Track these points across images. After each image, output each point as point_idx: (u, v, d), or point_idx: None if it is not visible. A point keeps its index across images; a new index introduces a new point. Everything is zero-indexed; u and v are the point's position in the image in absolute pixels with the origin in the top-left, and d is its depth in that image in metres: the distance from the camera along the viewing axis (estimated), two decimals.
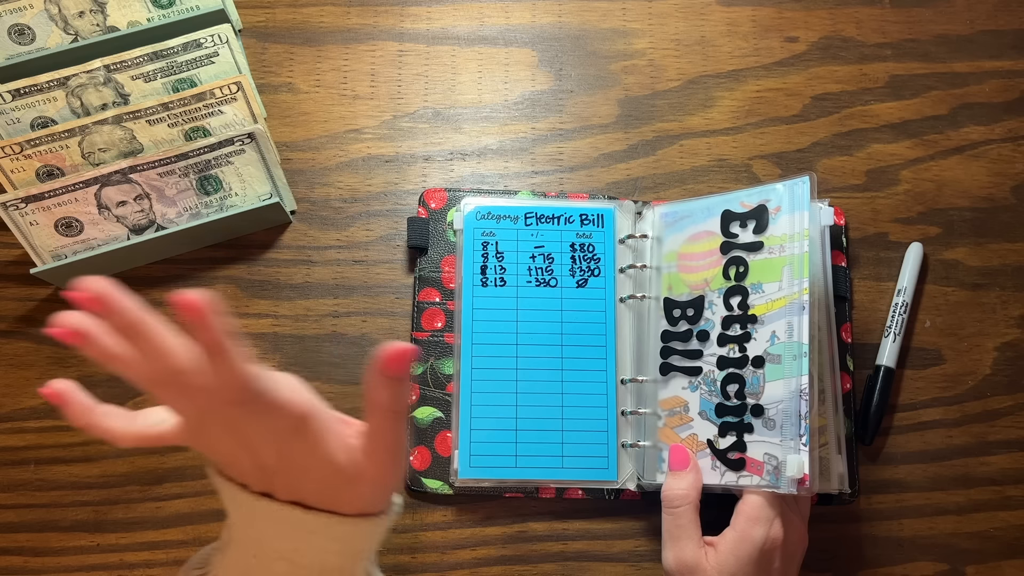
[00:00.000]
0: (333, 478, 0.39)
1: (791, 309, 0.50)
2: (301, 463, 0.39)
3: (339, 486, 0.40)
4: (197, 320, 0.36)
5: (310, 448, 0.39)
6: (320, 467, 0.39)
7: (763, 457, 0.50)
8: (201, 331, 0.36)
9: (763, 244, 0.52)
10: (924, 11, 0.67)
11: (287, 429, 0.38)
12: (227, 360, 0.36)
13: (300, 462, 0.39)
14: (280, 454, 0.39)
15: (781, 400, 0.49)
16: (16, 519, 0.56)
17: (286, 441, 0.38)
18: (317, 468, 0.39)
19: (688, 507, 0.50)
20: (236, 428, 0.38)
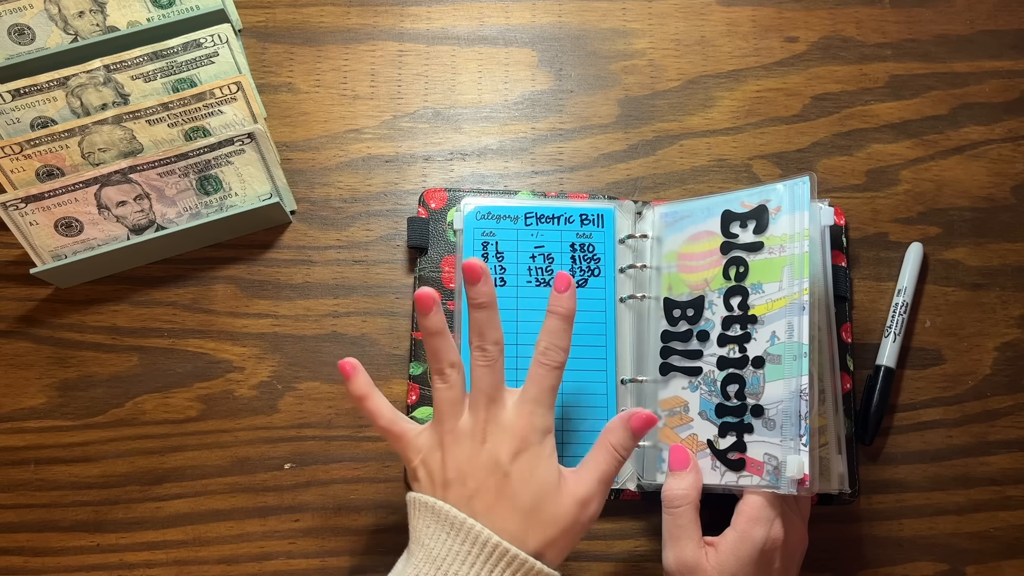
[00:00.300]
0: (542, 495, 0.45)
1: (791, 309, 0.50)
2: (520, 475, 0.45)
3: (542, 506, 0.45)
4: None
5: (543, 456, 0.46)
6: (542, 476, 0.45)
7: (763, 457, 0.50)
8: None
9: (763, 244, 0.52)
10: (924, 11, 0.67)
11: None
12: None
13: (520, 473, 0.45)
14: (514, 453, 0.46)
15: (781, 400, 0.49)
16: (16, 519, 0.56)
17: (528, 444, 0.46)
18: (532, 481, 0.45)
19: (688, 507, 0.50)
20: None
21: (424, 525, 0.45)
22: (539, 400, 0.47)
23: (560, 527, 0.45)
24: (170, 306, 0.59)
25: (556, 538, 0.45)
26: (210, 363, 0.58)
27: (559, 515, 0.45)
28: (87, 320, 0.59)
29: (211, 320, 0.59)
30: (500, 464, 0.45)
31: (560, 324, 0.48)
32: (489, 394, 0.47)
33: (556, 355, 0.47)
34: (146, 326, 0.59)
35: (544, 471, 0.46)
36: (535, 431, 0.46)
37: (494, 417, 0.46)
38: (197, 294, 0.59)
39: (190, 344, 0.59)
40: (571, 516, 0.46)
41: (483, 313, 0.47)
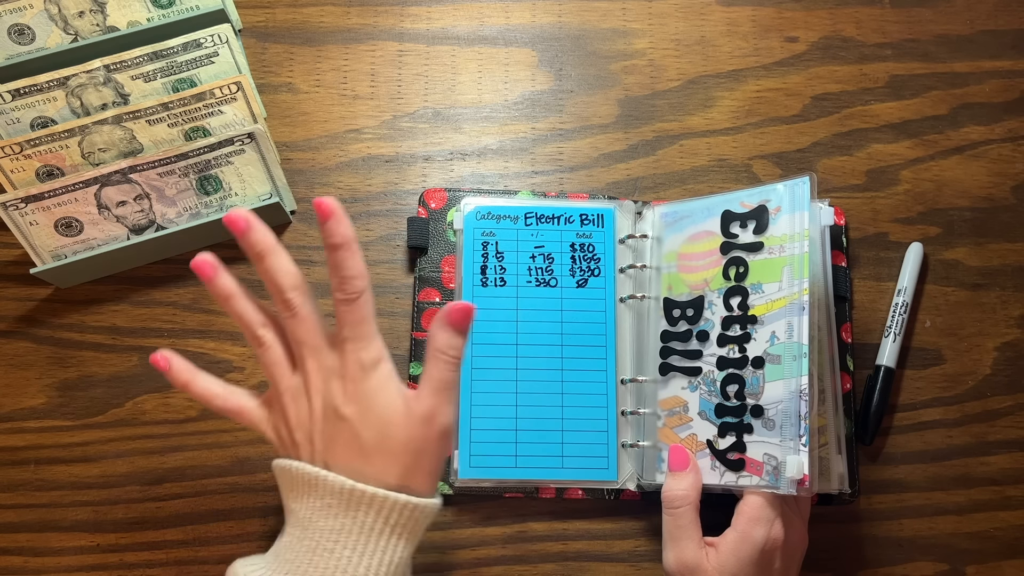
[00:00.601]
0: (385, 426, 0.43)
1: (791, 309, 0.50)
2: (357, 414, 0.44)
3: (389, 437, 0.43)
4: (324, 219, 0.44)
5: (376, 388, 0.44)
6: (380, 408, 0.44)
7: (763, 457, 0.50)
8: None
9: (763, 244, 0.52)
10: (924, 11, 0.67)
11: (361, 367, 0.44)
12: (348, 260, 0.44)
13: (357, 413, 0.44)
14: (347, 394, 0.44)
15: (781, 400, 0.49)
16: (16, 519, 0.56)
17: (357, 381, 0.44)
18: (371, 416, 0.44)
19: (688, 508, 0.50)
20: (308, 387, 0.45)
21: (288, 490, 0.44)
22: (356, 336, 0.44)
23: (412, 451, 0.44)
24: (170, 306, 0.59)
25: (413, 464, 0.44)
26: (210, 363, 0.58)
27: (408, 439, 0.44)
28: (87, 320, 0.59)
29: (211, 320, 0.59)
30: (336, 409, 0.44)
31: (343, 255, 0.44)
32: (312, 344, 0.45)
33: (353, 285, 0.44)
34: (146, 326, 0.59)
35: (382, 402, 0.44)
36: (361, 367, 0.44)
37: (318, 366, 0.45)
38: (197, 294, 0.59)
39: (190, 344, 0.59)
40: (420, 436, 0.44)
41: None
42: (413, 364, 0.58)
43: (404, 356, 0.59)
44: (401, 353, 0.59)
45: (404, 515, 0.43)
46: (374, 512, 0.43)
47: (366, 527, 0.43)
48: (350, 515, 0.43)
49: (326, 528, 0.42)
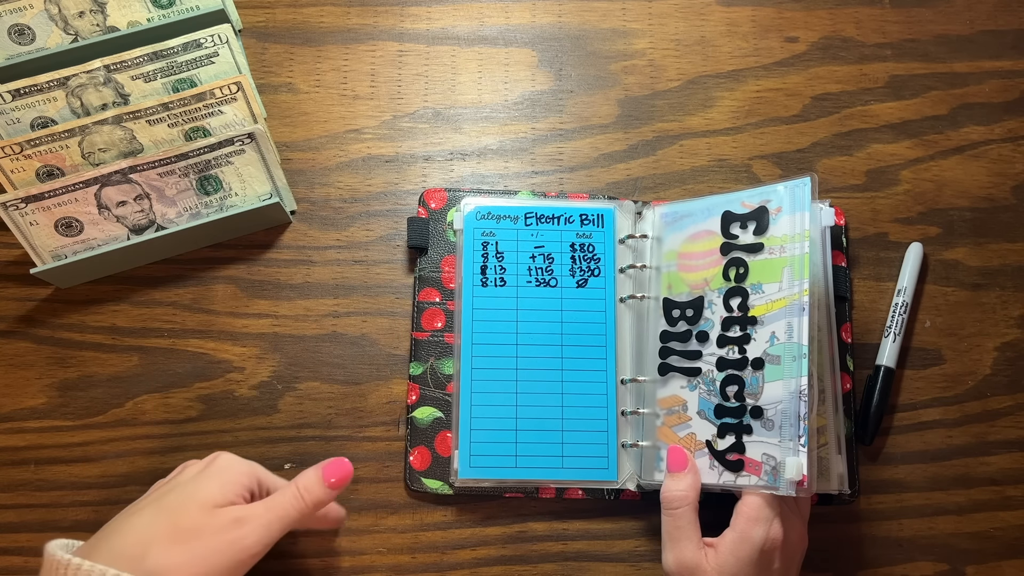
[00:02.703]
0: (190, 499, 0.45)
1: (791, 310, 0.50)
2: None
3: (181, 512, 0.44)
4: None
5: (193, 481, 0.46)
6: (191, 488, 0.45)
7: (762, 457, 0.50)
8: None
9: (763, 245, 0.52)
10: (924, 11, 0.67)
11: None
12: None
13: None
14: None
15: (780, 401, 0.49)
16: (16, 519, 0.56)
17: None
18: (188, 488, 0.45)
19: (687, 508, 0.50)
20: None
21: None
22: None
23: (197, 534, 0.42)
24: (170, 306, 0.59)
25: (185, 548, 0.42)
26: (210, 363, 0.58)
27: (202, 523, 0.42)
28: (87, 320, 0.59)
29: (211, 320, 0.59)
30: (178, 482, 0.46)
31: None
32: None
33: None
34: (146, 326, 0.59)
35: (208, 483, 0.45)
36: (221, 462, 0.47)
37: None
38: (197, 294, 0.59)
39: (190, 344, 0.59)
40: (216, 526, 0.43)
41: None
42: (413, 364, 0.58)
43: (404, 356, 0.59)
44: (401, 353, 0.59)
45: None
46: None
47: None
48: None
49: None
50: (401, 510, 0.56)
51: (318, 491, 0.46)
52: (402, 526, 0.56)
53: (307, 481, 0.46)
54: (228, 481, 0.45)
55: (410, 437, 0.57)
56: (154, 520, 0.43)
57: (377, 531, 0.56)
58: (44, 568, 0.42)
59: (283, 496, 0.45)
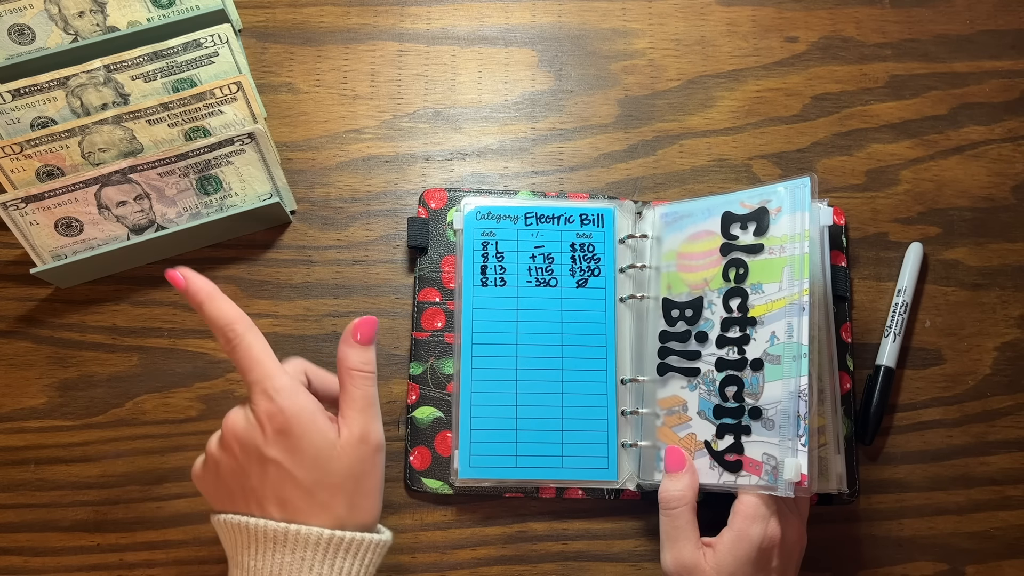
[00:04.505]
0: (320, 458, 0.43)
1: (791, 310, 0.50)
2: (289, 446, 0.43)
3: (327, 469, 0.43)
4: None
5: (296, 424, 0.43)
6: (308, 443, 0.43)
7: (762, 457, 0.50)
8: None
9: (763, 246, 0.52)
10: (924, 11, 0.67)
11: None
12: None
13: (288, 444, 0.43)
14: (267, 437, 0.43)
15: (780, 401, 0.49)
16: (16, 519, 0.56)
17: (274, 421, 0.43)
18: (305, 447, 0.43)
19: (685, 508, 0.50)
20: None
21: (243, 547, 0.43)
22: (257, 380, 0.44)
23: (354, 476, 0.43)
24: (170, 306, 0.59)
25: (355, 490, 0.43)
26: (210, 363, 0.58)
27: (348, 466, 0.43)
28: (87, 320, 0.59)
29: None
30: (260, 453, 0.43)
31: (207, 309, 0.45)
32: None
33: (227, 334, 0.45)
34: (146, 326, 0.59)
35: (308, 438, 0.43)
36: (269, 412, 0.43)
37: (229, 425, 0.44)
38: None
39: (190, 344, 0.59)
40: (357, 458, 0.44)
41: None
42: (413, 364, 0.58)
43: (404, 356, 0.59)
44: (401, 353, 0.59)
45: (377, 554, 0.44)
46: (351, 557, 0.43)
47: (343, 573, 0.42)
48: (327, 565, 0.42)
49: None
50: (401, 510, 0.56)
51: (365, 357, 0.45)
52: (402, 526, 0.56)
53: (350, 360, 0.45)
54: (320, 415, 0.44)
55: (410, 437, 0.57)
56: (314, 498, 0.43)
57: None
58: (246, 536, 0.43)
59: (354, 388, 0.45)
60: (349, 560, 0.43)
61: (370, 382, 0.45)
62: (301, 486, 0.43)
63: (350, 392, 0.45)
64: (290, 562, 0.42)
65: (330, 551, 0.42)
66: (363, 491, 0.44)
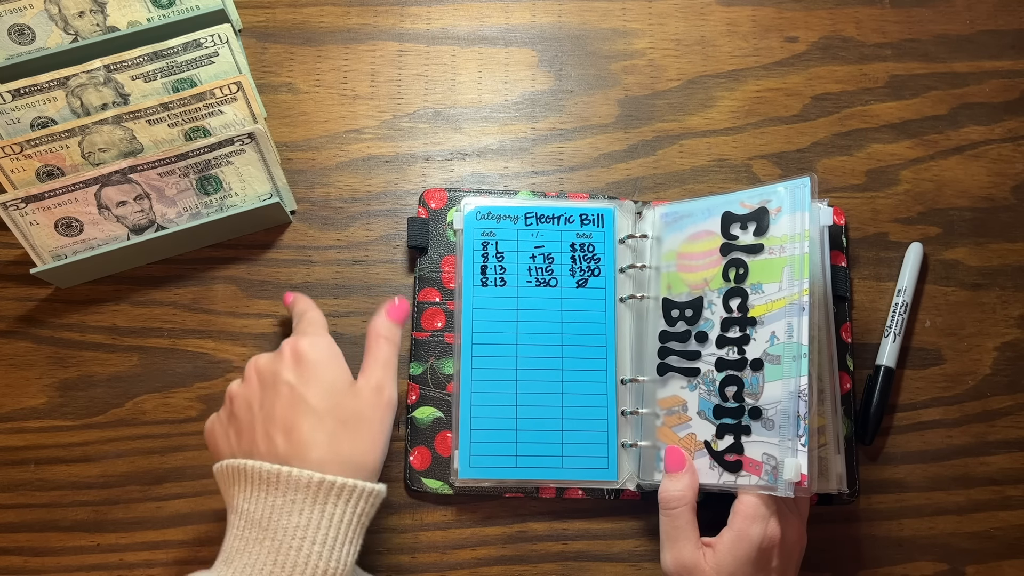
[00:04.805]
0: (335, 391, 0.46)
1: (791, 310, 0.50)
2: (308, 375, 0.46)
3: (344, 401, 0.46)
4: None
5: (319, 362, 0.47)
6: (327, 379, 0.46)
7: (762, 457, 0.50)
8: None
9: (763, 246, 0.52)
10: (924, 11, 0.67)
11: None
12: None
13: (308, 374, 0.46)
14: (289, 367, 0.46)
15: (780, 400, 0.49)
16: (16, 519, 0.56)
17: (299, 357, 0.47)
18: (323, 381, 0.46)
19: (685, 508, 0.51)
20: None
21: (238, 490, 0.44)
22: (299, 331, 0.49)
23: (364, 419, 0.46)
24: (170, 306, 0.59)
25: (361, 434, 0.45)
26: (210, 363, 0.58)
27: (357, 405, 0.46)
28: (87, 320, 0.59)
29: (211, 320, 0.59)
30: (276, 375, 0.46)
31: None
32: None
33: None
34: (146, 326, 0.59)
35: (328, 374, 0.46)
36: (297, 349, 0.46)
37: (252, 360, 0.48)
38: (197, 294, 0.59)
39: (190, 344, 0.59)
40: (369, 402, 0.46)
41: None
42: (413, 364, 0.58)
43: (404, 356, 0.58)
44: (401, 353, 0.58)
45: (370, 504, 0.44)
46: (342, 503, 0.43)
47: (335, 519, 0.42)
48: (316, 509, 0.42)
49: (291, 525, 0.42)
50: (401, 510, 0.56)
51: (395, 332, 0.49)
52: (402, 526, 0.56)
53: (384, 328, 0.49)
54: (340, 359, 0.48)
55: (410, 437, 0.57)
56: (321, 426, 0.44)
57: (377, 531, 0.56)
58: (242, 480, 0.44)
59: (380, 349, 0.48)
60: (341, 506, 0.43)
61: (393, 349, 0.49)
62: (312, 411, 0.44)
63: (374, 352, 0.48)
64: (281, 504, 0.42)
65: (320, 495, 0.42)
66: (369, 437, 0.46)
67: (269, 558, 0.41)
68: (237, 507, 0.43)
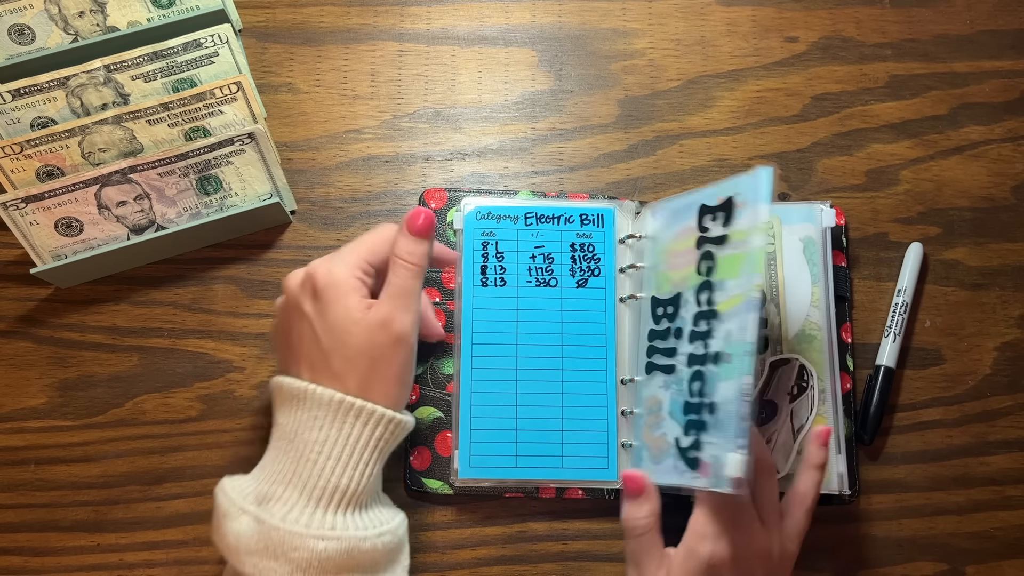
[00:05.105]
0: (345, 328, 0.46)
1: (745, 306, 0.48)
2: (320, 308, 0.46)
3: (350, 337, 0.45)
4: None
5: (333, 295, 0.46)
6: (335, 312, 0.46)
7: (710, 458, 0.48)
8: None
9: (728, 238, 0.50)
10: (924, 11, 0.67)
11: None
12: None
13: (320, 307, 0.46)
14: (309, 295, 0.47)
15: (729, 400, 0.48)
16: (16, 519, 0.56)
17: (317, 285, 0.47)
18: (332, 314, 0.46)
19: (651, 533, 0.50)
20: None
21: (279, 405, 0.47)
22: (334, 258, 0.48)
23: (369, 357, 0.45)
24: (170, 306, 0.59)
25: (369, 371, 0.45)
26: (210, 363, 0.58)
27: (363, 344, 0.45)
28: (87, 320, 0.59)
29: (211, 320, 0.59)
30: (299, 306, 0.47)
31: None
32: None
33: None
34: (146, 326, 0.59)
35: (338, 307, 0.46)
36: (314, 281, 0.47)
37: (286, 281, 0.49)
38: (197, 294, 0.59)
39: (190, 344, 0.59)
40: (374, 341, 0.45)
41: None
42: None
43: None
44: None
45: (388, 429, 0.46)
46: (359, 424, 0.45)
47: (352, 439, 0.45)
48: (335, 427, 0.45)
49: (311, 440, 0.45)
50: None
51: (412, 247, 0.47)
52: None
53: (397, 247, 0.47)
54: (352, 293, 0.46)
55: (410, 437, 0.57)
56: (329, 365, 0.46)
57: None
58: (280, 394, 0.47)
59: (395, 276, 0.47)
60: (358, 427, 0.45)
61: (412, 274, 0.47)
62: (322, 349, 0.46)
63: (389, 278, 0.47)
64: (306, 420, 0.45)
65: (339, 413, 0.45)
66: (378, 374, 0.46)
67: (290, 468, 0.45)
68: (276, 420, 0.47)
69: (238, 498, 0.45)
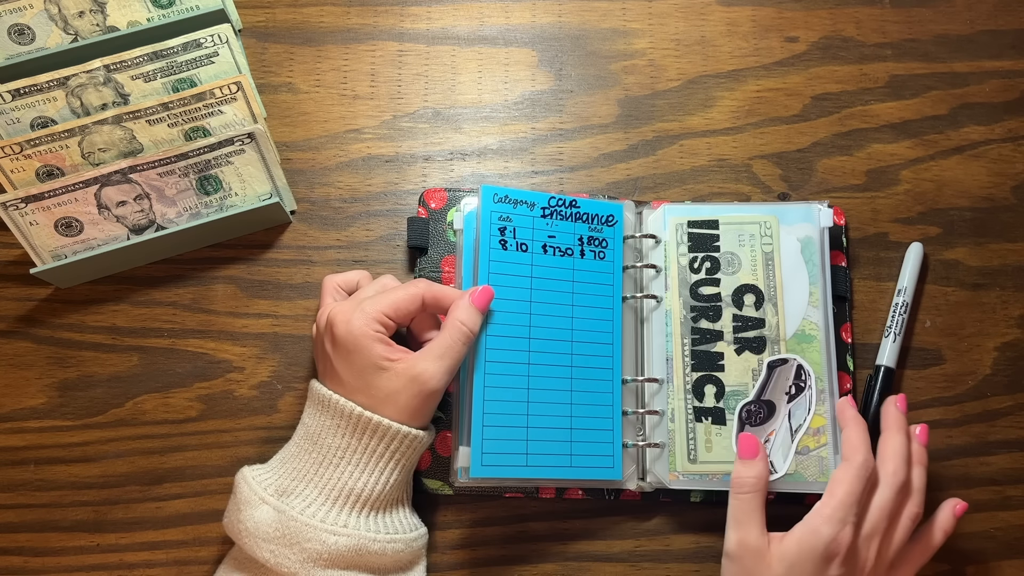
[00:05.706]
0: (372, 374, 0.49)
1: None
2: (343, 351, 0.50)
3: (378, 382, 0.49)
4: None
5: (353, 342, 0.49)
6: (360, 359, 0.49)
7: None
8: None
9: None
10: (924, 11, 0.67)
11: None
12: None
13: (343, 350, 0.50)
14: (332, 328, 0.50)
15: None
16: (16, 519, 0.56)
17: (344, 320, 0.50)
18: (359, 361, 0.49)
19: (757, 494, 0.51)
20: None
21: (309, 405, 0.51)
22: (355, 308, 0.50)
23: (394, 400, 0.49)
24: (170, 306, 0.59)
25: (399, 408, 0.49)
26: (210, 363, 0.58)
27: (391, 387, 0.49)
28: (87, 320, 0.59)
29: (211, 320, 0.59)
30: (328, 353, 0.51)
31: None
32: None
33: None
34: (146, 326, 0.59)
35: (357, 356, 0.49)
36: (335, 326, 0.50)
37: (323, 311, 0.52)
38: (197, 294, 0.59)
39: (190, 344, 0.59)
40: (401, 387, 0.49)
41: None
42: None
43: None
44: None
45: (406, 444, 0.50)
46: (377, 438, 0.49)
47: (368, 450, 0.49)
48: (355, 437, 0.49)
49: (333, 445, 0.49)
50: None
51: (475, 318, 0.52)
52: None
53: (459, 313, 0.51)
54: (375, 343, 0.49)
55: None
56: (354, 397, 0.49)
57: None
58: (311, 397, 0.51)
59: (450, 337, 0.50)
60: (375, 440, 0.49)
61: (463, 340, 0.51)
62: (348, 384, 0.49)
63: (442, 335, 0.51)
64: (329, 426, 0.49)
65: (359, 427, 0.49)
66: (403, 410, 0.49)
67: (312, 468, 0.49)
68: (303, 419, 0.51)
69: (259, 488, 0.49)
